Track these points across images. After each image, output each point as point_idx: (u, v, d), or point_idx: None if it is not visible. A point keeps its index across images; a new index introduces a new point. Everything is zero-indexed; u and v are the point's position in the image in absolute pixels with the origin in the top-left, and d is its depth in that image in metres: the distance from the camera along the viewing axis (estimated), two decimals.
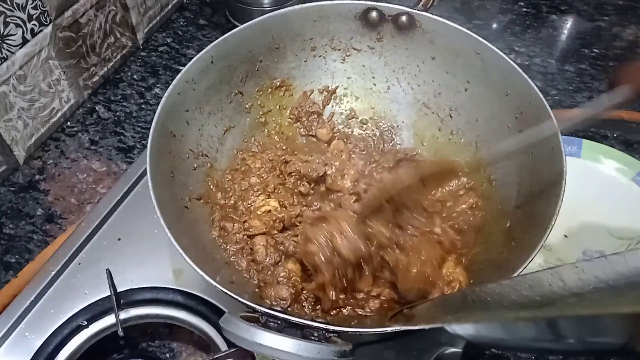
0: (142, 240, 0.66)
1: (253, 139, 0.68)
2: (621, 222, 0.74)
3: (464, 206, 0.61)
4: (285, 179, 0.65)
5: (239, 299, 0.44)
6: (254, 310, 0.43)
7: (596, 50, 1.00)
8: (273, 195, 0.63)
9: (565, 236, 0.73)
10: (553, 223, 0.48)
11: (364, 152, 0.69)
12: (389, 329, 0.44)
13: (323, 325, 0.41)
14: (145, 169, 0.52)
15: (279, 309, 0.42)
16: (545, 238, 0.47)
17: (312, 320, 0.42)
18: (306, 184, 0.64)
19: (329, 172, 0.65)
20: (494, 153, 0.58)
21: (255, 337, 0.40)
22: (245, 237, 0.60)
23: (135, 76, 0.92)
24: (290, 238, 0.59)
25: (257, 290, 0.55)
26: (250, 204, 0.63)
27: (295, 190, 0.64)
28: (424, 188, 0.55)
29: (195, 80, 0.60)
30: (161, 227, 0.48)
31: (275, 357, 0.40)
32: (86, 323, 0.60)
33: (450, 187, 0.63)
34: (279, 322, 0.42)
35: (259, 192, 0.63)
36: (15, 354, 0.58)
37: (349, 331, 0.44)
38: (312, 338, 0.41)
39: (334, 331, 0.42)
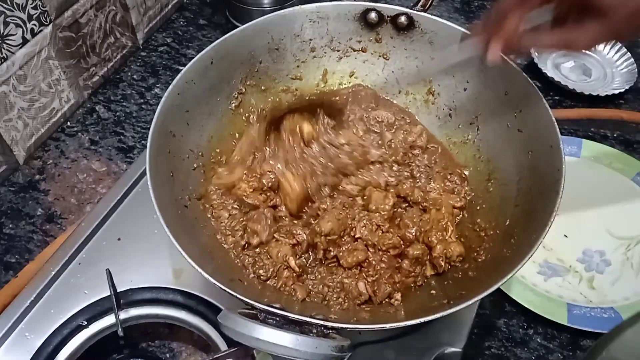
0: (142, 240, 0.66)
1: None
2: (621, 222, 0.74)
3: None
4: None
5: (239, 296, 0.44)
6: (253, 307, 0.43)
7: None
8: None
9: (565, 236, 0.73)
10: (552, 220, 0.48)
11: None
12: (387, 326, 0.44)
13: (322, 322, 0.41)
14: (145, 169, 0.52)
15: (277, 305, 0.42)
16: (544, 235, 0.47)
17: (311, 317, 0.42)
18: None
19: None
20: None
21: (254, 332, 0.40)
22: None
23: (135, 76, 0.92)
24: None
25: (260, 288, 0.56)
26: None
27: None
28: None
29: (195, 80, 0.60)
30: (161, 227, 0.48)
31: (273, 352, 0.40)
32: (86, 323, 0.60)
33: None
34: (278, 318, 0.42)
35: None
36: (15, 354, 0.58)
37: (347, 327, 0.44)
38: (311, 334, 0.41)
39: (332, 327, 0.42)
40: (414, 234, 0.57)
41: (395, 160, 0.63)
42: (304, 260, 0.57)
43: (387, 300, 0.55)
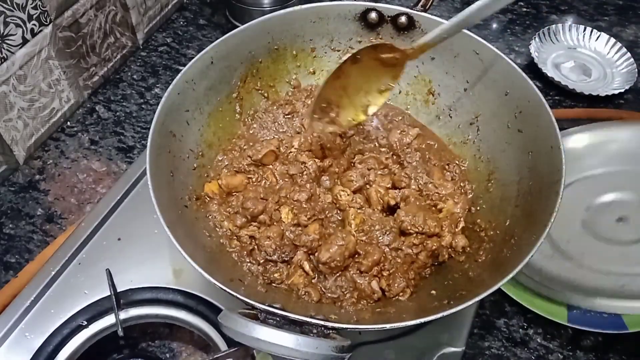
0: (142, 240, 0.66)
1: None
2: None
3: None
4: None
5: (239, 296, 0.44)
6: (253, 307, 0.43)
7: None
8: None
9: None
10: (552, 220, 0.48)
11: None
12: (387, 326, 0.44)
13: (322, 322, 0.41)
14: (145, 169, 0.52)
15: (277, 305, 0.42)
16: (544, 235, 0.47)
17: (311, 317, 0.42)
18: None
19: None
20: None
21: (254, 332, 0.40)
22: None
23: (135, 76, 0.92)
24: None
25: (263, 290, 0.56)
26: None
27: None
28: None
29: (195, 80, 0.60)
30: (161, 227, 0.48)
31: (273, 352, 0.40)
32: (86, 323, 0.60)
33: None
34: (278, 318, 0.42)
35: None
36: (15, 354, 0.58)
37: (347, 328, 0.44)
38: (311, 335, 0.41)
39: (332, 328, 0.42)
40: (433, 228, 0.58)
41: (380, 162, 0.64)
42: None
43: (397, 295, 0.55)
